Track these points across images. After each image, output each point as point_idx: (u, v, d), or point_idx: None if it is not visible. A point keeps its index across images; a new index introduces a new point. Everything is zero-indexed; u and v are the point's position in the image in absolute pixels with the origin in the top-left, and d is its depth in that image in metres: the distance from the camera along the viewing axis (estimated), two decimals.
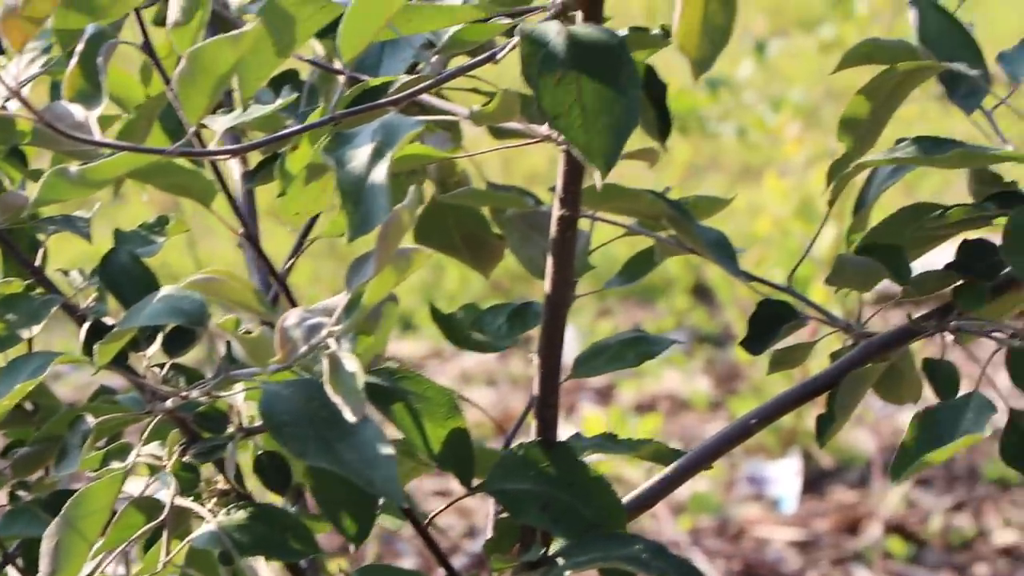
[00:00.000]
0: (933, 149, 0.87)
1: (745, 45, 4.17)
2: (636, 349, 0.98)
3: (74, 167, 0.80)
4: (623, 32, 0.83)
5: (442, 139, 0.96)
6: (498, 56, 0.83)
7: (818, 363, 1.06)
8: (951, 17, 0.91)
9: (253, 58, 0.79)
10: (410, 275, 0.80)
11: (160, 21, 0.94)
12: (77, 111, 0.82)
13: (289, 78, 1.04)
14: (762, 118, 3.89)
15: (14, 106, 0.85)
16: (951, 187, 3.42)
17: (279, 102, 0.91)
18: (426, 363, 3.37)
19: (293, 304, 0.93)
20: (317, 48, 0.99)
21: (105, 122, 0.91)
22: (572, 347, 3.21)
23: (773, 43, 4.31)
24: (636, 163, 0.99)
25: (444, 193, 1.00)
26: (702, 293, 3.73)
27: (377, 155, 0.78)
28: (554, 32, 0.75)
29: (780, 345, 0.94)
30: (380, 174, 0.78)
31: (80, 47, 0.84)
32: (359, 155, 0.79)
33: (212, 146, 0.83)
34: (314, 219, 1.03)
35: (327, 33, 0.85)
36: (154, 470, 0.91)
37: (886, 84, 0.88)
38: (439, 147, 0.95)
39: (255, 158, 1.02)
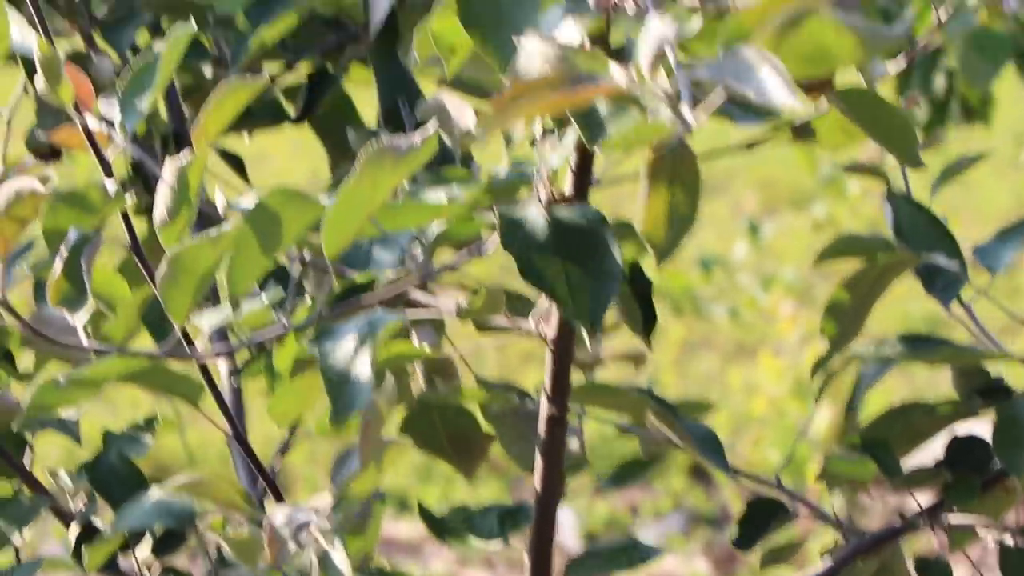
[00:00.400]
0: (920, 346, 0.91)
1: (739, 225, 4.25)
2: (628, 555, 1.00)
3: (63, 375, 0.81)
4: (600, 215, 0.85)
5: (428, 331, 0.97)
6: (484, 251, 0.85)
7: (819, 544, 1.10)
8: (926, 211, 0.96)
9: (239, 258, 0.80)
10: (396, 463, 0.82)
11: (146, 209, 0.96)
12: (64, 315, 0.83)
13: (275, 271, 1.06)
14: (755, 297, 4.01)
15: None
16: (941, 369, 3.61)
17: (266, 298, 0.91)
18: (423, 545, 3.39)
19: (282, 499, 0.95)
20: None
21: (99, 316, 0.93)
22: (567, 529, 3.23)
23: (766, 224, 4.41)
24: (629, 342, 1.02)
25: (431, 388, 1.01)
26: (699, 474, 3.74)
27: (361, 346, 0.80)
28: (535, 216, 0.79)
29: (773, 538, 0.97)
30: (363, 365, 0.80)
31: (64, 251, 0.84)
32: (344, 347, 0.81)
33: (199, 344, 0.85)
34: None
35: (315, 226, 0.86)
36: None
37: (867, 277, 0.93)
38: (425, 339, 0.97)
39: (243, 351, 1.03)
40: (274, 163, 4.80)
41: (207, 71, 1.28)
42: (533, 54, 0.71)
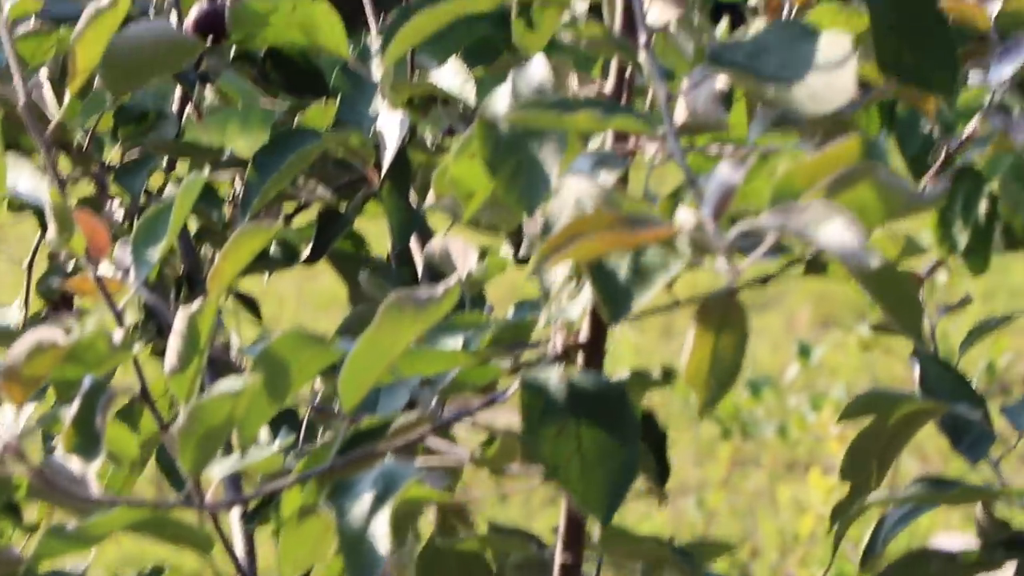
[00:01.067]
0: (936, 489, 0.93)
1: (791, 340, 4.45)
2: None
3: (71, 524, 0.80)
4: (623, 376, 0.87)
5: (441, 476, 0.97)
6: (500, 400, 0.86)
7: None
8: (953, 370, 0.99)
9: (253, 406, 0.81)
10: None
11: (160, 353, 0.97)
12: (75, 465, 0.83)
13: (286, 416, 1.07)
14: (803, 417, 4.17)
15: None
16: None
17: (277, 444, 0.92)
18: None
19: None
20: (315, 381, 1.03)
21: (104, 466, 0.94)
22: None
23: (819, 342, 4.64)
24: (677, 457, 1.03)
25: (444, 534, 1.00)
26: None
27: (378, 504, 0.79)
28: (555, 380, 0.79)
29: None
30: (381, 524, 0.79)
31: (77, 401, 0.85)
32: (360, 505, 0.80)
33: (210, 494, 0.86)
34: None
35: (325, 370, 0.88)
36: None
37: (888, 427, 0.94)
38: (438, 485, 0.97)
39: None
40: (285, 284, 4.82)
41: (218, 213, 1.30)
42: (570, 197, 0.72)
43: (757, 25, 0.99)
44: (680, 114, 0.83)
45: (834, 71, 0.76)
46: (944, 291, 3.91)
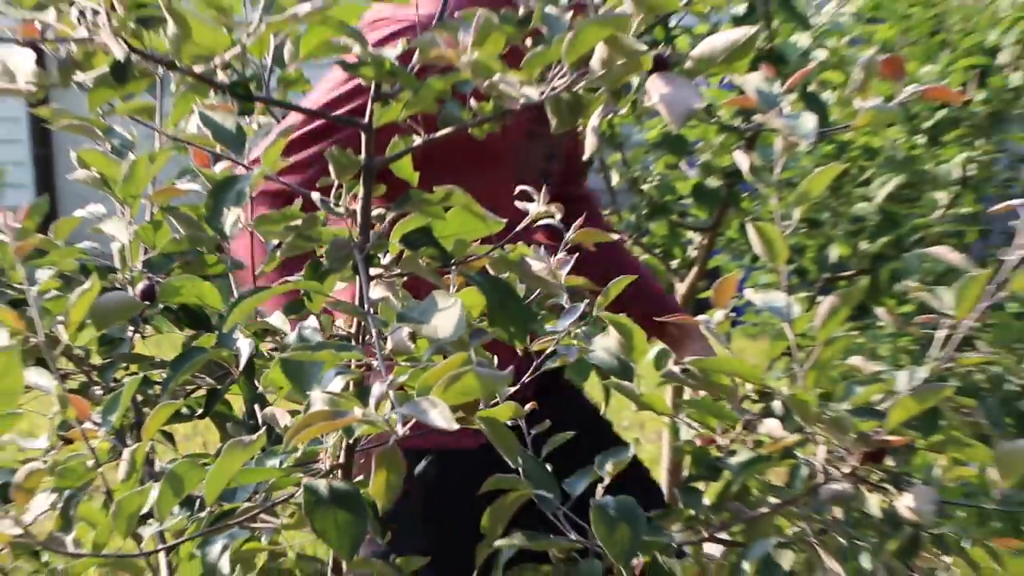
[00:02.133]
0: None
1: None
2: None
3: (61, 566, 1.18)
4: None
5: (269, 533, 1.37)
6: (291, 500, 1.24)
7: None
8: None
9: (162, 499, 1.16)
10: None
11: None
12: (66, 536, 1.24)
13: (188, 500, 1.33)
14: None
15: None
16: None
17: (180, 516, 1.28)
18: None
19: None
20: None
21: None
22: None
23: None
24: None
25: (272, 563, 1.37)
26: None
27: (223, 551, 1.22)
28: (323, 485, 1.10)
29: None
30: (224, 562, 1.21)
31: (61, 503, 1.21)
32: (214, 550, 1.22)
33: (144, 544, 1.29)
34: None
35: None
36: None
37: None
38: (268, 537, 1.36)
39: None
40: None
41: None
42: (318, 398, 1.04)
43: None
44: (389, 345, 1.20)
45: (446, 316, 1.10)
46: None
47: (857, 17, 2.47)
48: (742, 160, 1.35)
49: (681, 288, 3.00)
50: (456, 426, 0.97)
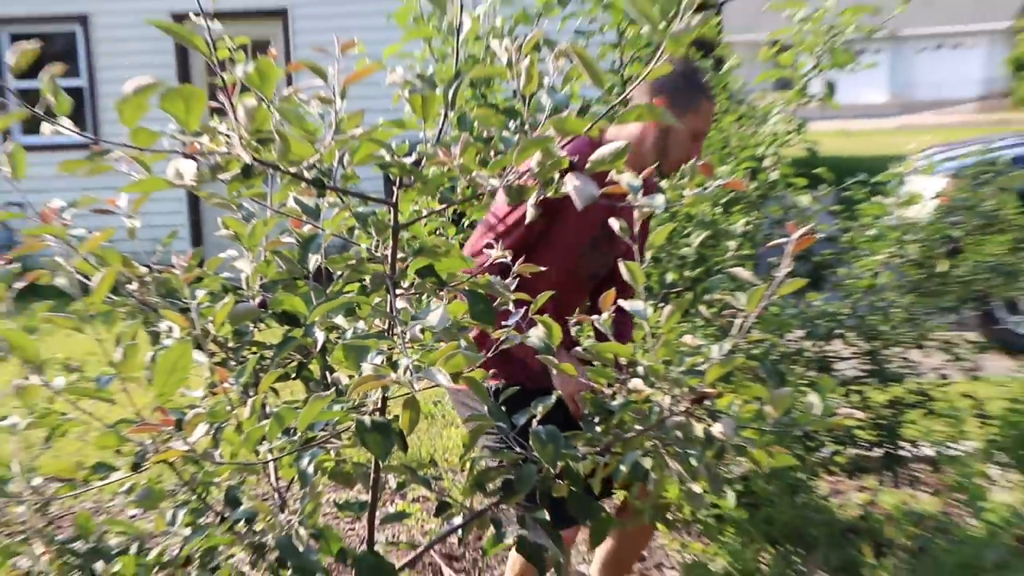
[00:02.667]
0: None
1: None
2: None
3: None
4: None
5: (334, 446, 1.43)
6: (349, 430, 1.23)
7: None
8: None
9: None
10: None
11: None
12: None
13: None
14: None
15: None
16: None
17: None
18: None
19: None
20: None
21: None
22: None
23: None
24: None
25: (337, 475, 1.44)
26: None
27: (313, 458, 1.22)
28: (367, 420, 1.12)
29: None
30: (310, 468, 1.22)
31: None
32: (305, 460, 1.22)
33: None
34: None
35: None
36: None
37: None
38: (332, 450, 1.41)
39: None
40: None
41: None
42: (366, 368, 1.11)
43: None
44: (408, 336, 1.14)
45: (436, 314, 1.23)
46: None
47: None
48: (614, 223, 1.39)
49: None
50: (454, 385, 1.01)
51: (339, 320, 1.34)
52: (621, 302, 1.35)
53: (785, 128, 2.46)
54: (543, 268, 1.46)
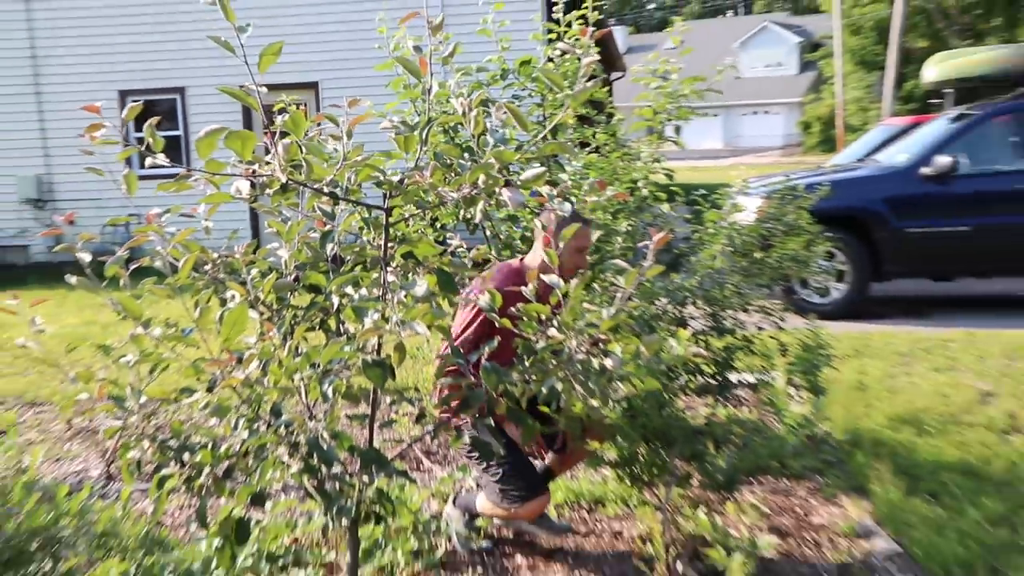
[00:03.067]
0: None
1: None
2: None
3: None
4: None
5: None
6: (356, 364, 1.18)
7: None
8: None
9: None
10: None
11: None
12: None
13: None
14: None
15: None
16: None
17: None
18: None
19: None
20: None
21: None
22: None
23: None
24: None
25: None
26: None
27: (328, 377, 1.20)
28: (370, 358, 1.13)
29: None
30: (330, 391, 1.17)
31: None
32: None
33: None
34: None
35: None
36: None
37: None
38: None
39: None
40: None
41: None
42: (367, 321, 1.14)
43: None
44: (395, 300, 1.20)
45: (420, 286, 1.22)
46: None
47: (586, 166, 2.56)
48: (538, 225, 1.40)
49: None
50: (429, 334, 1.00)
51: (348, 290, 1.34)
52: (543, 275, 1.36)
53: (651, 159, 2.52)
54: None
